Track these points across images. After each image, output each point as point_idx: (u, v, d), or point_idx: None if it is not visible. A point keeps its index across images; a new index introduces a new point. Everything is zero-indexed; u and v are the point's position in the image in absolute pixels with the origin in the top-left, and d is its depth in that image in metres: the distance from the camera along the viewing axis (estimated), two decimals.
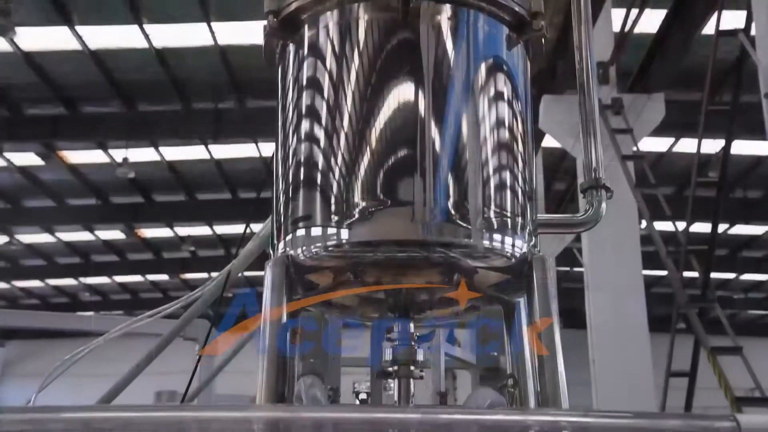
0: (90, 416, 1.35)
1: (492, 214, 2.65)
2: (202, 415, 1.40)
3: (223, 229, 22.31)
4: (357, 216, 2.60)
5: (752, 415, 1.24)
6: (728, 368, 9.99)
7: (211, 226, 22.02)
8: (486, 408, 1.63)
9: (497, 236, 2.63)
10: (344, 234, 2.62)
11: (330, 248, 2.63)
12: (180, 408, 1.40)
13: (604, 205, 3.03)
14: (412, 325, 2.96)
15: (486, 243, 2.60)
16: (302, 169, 2.78)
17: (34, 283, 26.38)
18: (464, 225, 2.59)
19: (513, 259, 2.65)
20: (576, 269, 20.47)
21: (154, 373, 6.73)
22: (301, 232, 2.74)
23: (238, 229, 19.53)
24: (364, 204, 2.61)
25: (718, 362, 9.82)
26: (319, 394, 1.80)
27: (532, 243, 2.77)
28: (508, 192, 2.75)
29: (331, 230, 2.65)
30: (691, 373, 11.03)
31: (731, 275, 24.30)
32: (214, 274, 4.03)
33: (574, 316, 18.98)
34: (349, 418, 1.45)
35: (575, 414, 1.46)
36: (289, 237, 2.77)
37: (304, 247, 2.69)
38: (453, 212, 2.59)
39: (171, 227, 22.21)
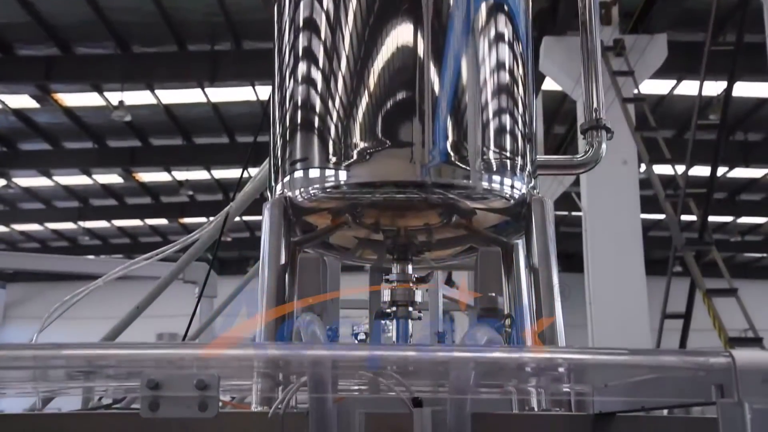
0: (92, 353, 1.37)
1: (491, 156, 2.64)
2: (202, 352, 1.41)
3: (221, 174, 22.27)
4: (355, 157, 2.59)
5: (747, 351, 1.26)
6: (723, 310, 10.11)
7: (209, 170, 21.97)
8: (483, 346, 1.66)
9: (496, 177, 2.62)
10: (342, 175, 2.61)
11: (328, 189, 2.62)
12: (181, 345, 1.41)
13: (604, 146, 3.01)
14: (410, 266, 2.97)
15: (485, 184, 2.59)
16: (300, 112, 2.75)
17: (33, 227, 26.46)
18: (463, 166, 2.58)
19: (512, 201, 2.65)
20: (574, 213, 20.50)
21: (155, 315, 6.82)
22: (298, 174, 2.73)
23: (236, 173, 19.49)
24: (362, 145, 2.60)
25: (713, 304, 9.94)
26: (318, 332, 1.82)
27: (531, 184, 2.76)
28: (508, 133, 2.73)
29: (329, 172, 2.64)
30: (686, 315, 11.16)
31: (729, 218, 24.39)
32: (213, 219, 4.03)
33: (571, 260, 19.11)
34: (348, 356, 1.47)
35: (572, 351, 1.48)
36: (286, 179, 2.76)
37: (302, 189, 2.68)
38: (452, 153, 2.58)
39: (169, 171, 22.16)
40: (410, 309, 2.95)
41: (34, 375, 1.80)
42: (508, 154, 2.68)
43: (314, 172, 2.68)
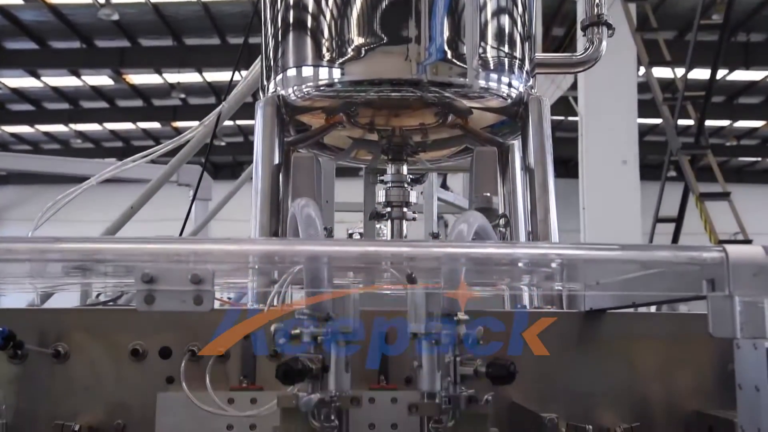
0: (88, 247, 1.37)
1: (488, 54, 2.58)
2: (199, 247, 1.42)
3: (213, 76, 21.87)
4: (349, 55, 2.53)
5: (741, 246, 1.27)
6: (715, 214, 10.20)
7: (200, 72, 21.57)
8: (473, 235, 1.66)
9: (493, 76, 2.57)
10: (336, 73, 2.56)
11: (321, 88, 2.57)
12: (177, 240, 1.41)
13: (604, 43, 2.94)
14: (405, 167, 2.96)
15: (482, 83, 2.55)
16: (292, 10, 2.67)
17: (24, 129, 26.19)
18: (460, 64, 2.53)
19: (509, 100, 2.61)
20: (570, 118, 20.35)
21: (151, 219, 6.84)
22: (291, 72, 2.67)
23: (228, 76, 19.08)
24: (356, 42, 2.53)
25: (705, 207, 10.01)
26: (314, 214, 1.81)
27: (530, 83, 2.71)
28: (506, 31, 2.65)
29: (323, 69, 2.58)
30: (678, 219, 11.26)
31: (726, 122, 24.27)
32: (205, 119, 3.97)
33: (566, 166, 19.11)
34: (343, 251, 1.48)
35: (565, 246, 1.48)
36: (279, 77, 2.70)
37: (295, 87, 2.63)
38: (448, 51, 2.52)
39: (159, 73, 21.76)
40: (405, 210, 2.96)
41: (31, 270, 1.81)
42: (505, 52, 2.62)
43: (307, 71, 2.62)
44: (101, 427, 2.08)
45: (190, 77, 22.92)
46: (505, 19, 2.67)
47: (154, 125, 26.97)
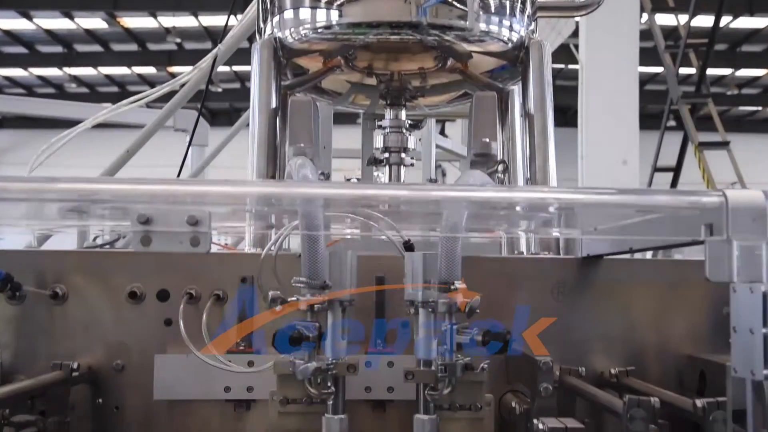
0: (85, 187, 1.35)
1: None
2: (195, 188, 1.41)
3: (209, 21, 21.51)
4: None
5: (740, 191, 1.26)
6: (713, 164, 10.18)
7: (196, 16, 21.23)
8: (475, 185, 1.65)
9: (494, 19, 2.52)
10: (334, 15, 2.51)
11: (319, 30, 2.52)
12: (174, 182, 1.40)
13: None
14: (403, 112, 2.93)
15: (482, 26, 2.50)
16: None
17: (18, 72, 25.86)
18: (460, 6, 2.48)
19: (509, 44, 2.56)
20: (571, 66, 20.12)
21: (148, 166, 6.79)
22: (289, 14, 2.61)
23: (224, 20, 18.77)
24: None
25: (704, 157, 9.99)
26: (310, 174, 1.80)
27: (531, 27, 2.67)
28: None
29: (321, 11, 2.53)
30: (677, 168, 11.24)
31: (728, 71, 24.02)
32: (200, 62, 3.91)
33: (565, 115, 18.97)
34: (340, 194, 1.47)
35: (563, 191, 1.47)
36: (276, 19, 2.65)
37: (292, 29, 2.58)
38: None
39: (154, 17, 21.42)
40: (403, 156, 2.94)
41: (27, 212, 1.80)
42: None
43: (305, 12, 2.57)
44: (100, 368, 2.10)
45: (186, 21, 22.53)
46: None
47: (150, 70, 26.62)
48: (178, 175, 3.45)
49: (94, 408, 2.10)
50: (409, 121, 2.96)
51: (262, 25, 2.76)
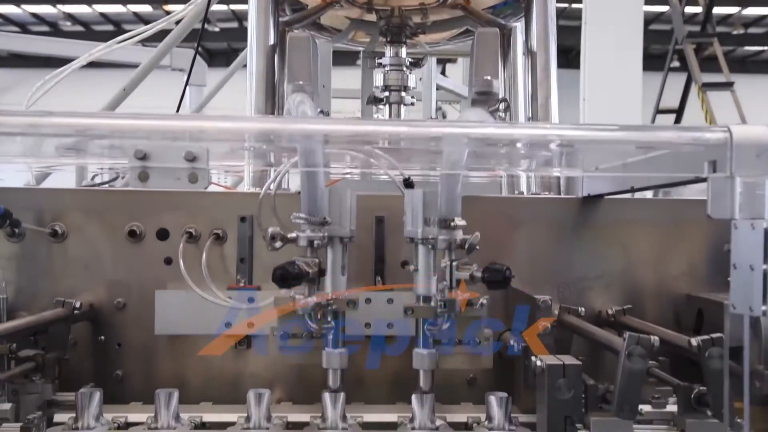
0: (82, 122, 1.33)
1: None
2: (193, 124, 1.39)
3: None
4: None
5: (745, 126, 1.24)
6: (716, 106, 10.08)
7: None
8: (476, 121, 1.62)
9: None
10: None
11: None
12: (172, 117, 1.37)
13: None
14: (404, 50, 2.88)
15: None
16: None
17: (10, 9, 25.41)
18: None
19: None
20: (575, 5, 19.74)
21: (145, 107, 6.72)
22: None
23: None
24: None
25: (707, 98, 9.89)
26: (309, 111, 1.77)
27: None
28: None
29: None
30: (679, 110, 11.13)
31: (734, 9, 23.59)
32: None
33: (568, 56, 18.69)
34: (340, 130, 1.45)
35: (565, 127, 1.45)
36: None
37: None
38: None
39: None
40: (403, 94, 2.90)
41: (25, 149, 1.78)
42: None
43: None
44: (102, 306, 2.11)
45: None
46: None
47: (145, 8, 26.12)
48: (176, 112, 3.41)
49: (96, 345, 2.12)
50: (410, 59, 2.91)
51: None
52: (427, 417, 1.72)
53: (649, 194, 2.55)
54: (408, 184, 2.00)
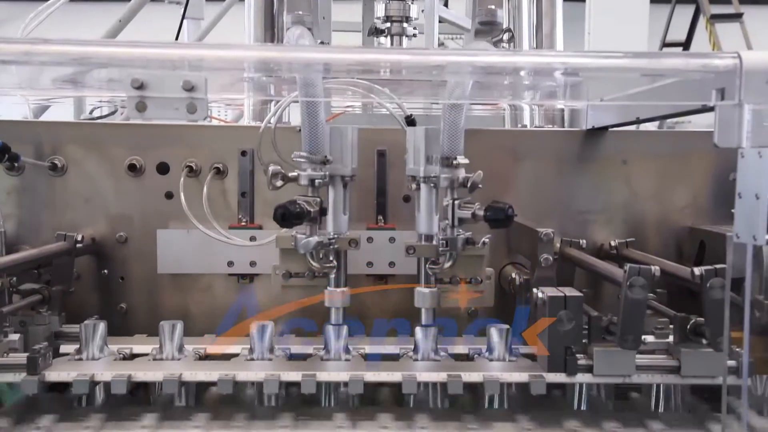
0: (77, 50, 1.30)
1: None
2: (192, 52, 1.36)
3: None
4: None
5: (755, 52, 1.21)
6: (724, 40, 9.89)
7: None
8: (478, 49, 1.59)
9: None
10: None
11: None
12: (169, 45, 1.34)
13: None
14: None
15: None
16: None
17: None
18: None
19: None
20: None
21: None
22: None
23: None
24: None
25: (715, 30, 9.69)
26: (309, 44, 1.73)
27: None
28: None
29: None
30: (686, 43, 10.91)
31: None
32: None
33: None
34: (340, 59, 1.41)
35: (570, 54, 1.41)
36: None
37: None
38: None
39: None
40: (405, 25, 2.84)
41: (21, 80, 1.75)
42: None
43: None
44: (104, 240, 2.12)
45: None
46: None
47: None
48: None
49: (100, 279, 2.13)
50: None
51: None
52: (430, 348, 1.75)
53: (653, 127, 2.52)
54: (410, 122, 1.97)
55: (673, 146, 2.16)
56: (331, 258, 1.76)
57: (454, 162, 1.68)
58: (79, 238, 2.01)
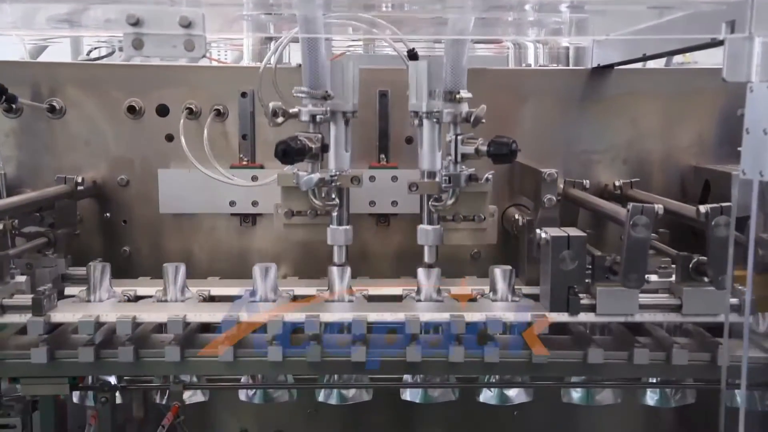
0: None
1: None
2: None
3: None
4: None
5: None
6: None
7: None
8: None
9: None
10: None
11: None
12: None
13: None
14: None
15: None
16: None
17: None
18: None
19: None
20: None
21: None
22: None
23: None
24: None
25: None
26: None
27: None
28: None
29: None
30: None
31: None
32: None
33: None
34: None
35: None
36: None
37: None
38: None
39: None
40: None
41: (15, 19, 1.72)
42: None
43: None
44: (105, 183, 2.11)
45: None
46: None
47: None
48: None
49: (102, 222, 2.13)
50: None
51: None
52: (432, 289, 1.75)
53: (661, 65, 2.47)
54: (412, 55, 1.93)
55: (679, 84, 2.13)
56: (333, 196, 1.75)
57: (457, 96, 1.65)
58: (80, 180, 2.00)
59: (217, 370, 1.63)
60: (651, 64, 2.30)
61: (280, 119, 1.68)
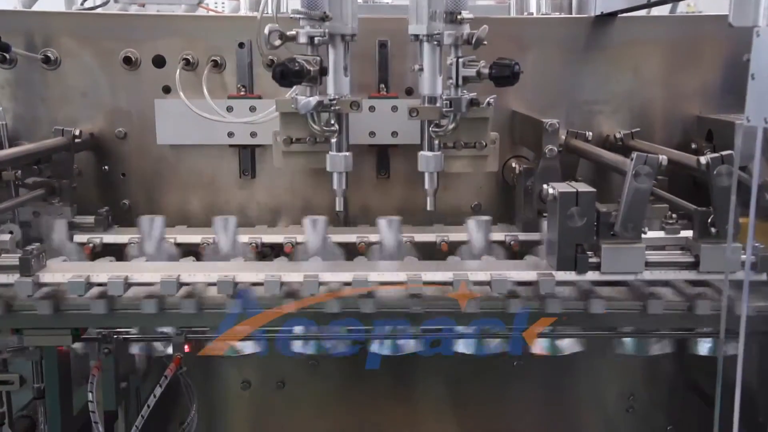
0: None
1: None
2: None
3: None
4: None
5: None
6: None
7: None
8: None
9: None
10: None
11: None
12: None
13: None
14: None
15: None
16: None
17: None
18: None
19: None
20: None
21: None
22: None
23: None
24: None
25: None
26: None
27: None
28: None
29: None
30: None
31: None
32: None
33: None
34: None
35: None
36: None
37: None
38: None
39: None
40: None
41: None
42: None
43: None
44: (103, 135, 2.09)
45: None
46: None
47: None
48: None
49: (101, 175, 2.12)
50: None
51: None
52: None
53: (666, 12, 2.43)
54: None
55: (683, 32, 2.09)
56: (332, 121, 1.71)
57: (459, 17, 1.59)
58: (77, 132, 1.99)
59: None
60: (655, 11, 2.26)
61: (277, 42, 1.60)
